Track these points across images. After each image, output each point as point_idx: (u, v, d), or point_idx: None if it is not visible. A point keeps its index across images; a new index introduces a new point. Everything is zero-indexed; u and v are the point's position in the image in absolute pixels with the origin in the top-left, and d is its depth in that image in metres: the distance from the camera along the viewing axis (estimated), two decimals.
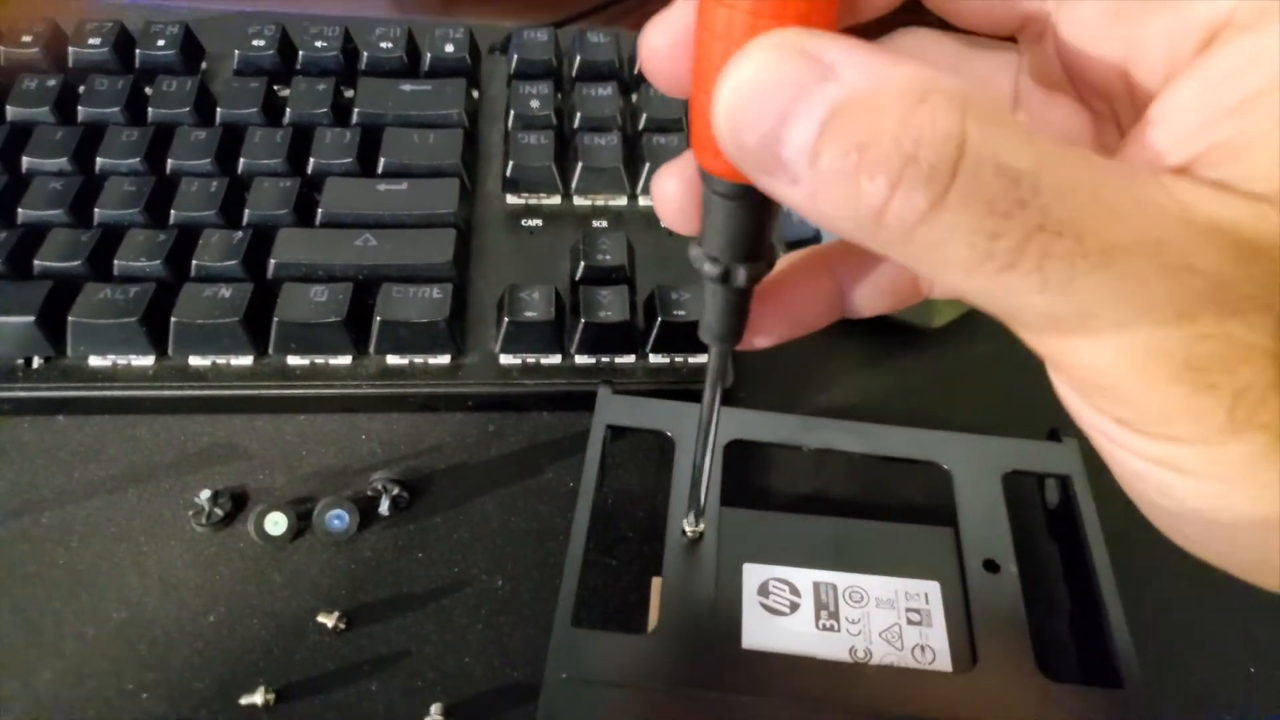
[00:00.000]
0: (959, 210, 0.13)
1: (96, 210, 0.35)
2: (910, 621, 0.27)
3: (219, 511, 0.31)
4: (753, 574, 0.28)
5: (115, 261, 0.34)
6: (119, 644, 0.28)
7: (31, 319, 0.32)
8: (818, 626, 0.27)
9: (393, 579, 0.30)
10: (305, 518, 0.31)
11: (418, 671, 0.28)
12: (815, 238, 0.38)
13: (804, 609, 0.27)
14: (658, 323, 0.34)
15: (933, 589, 0.28)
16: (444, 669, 0.28)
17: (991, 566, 0.28)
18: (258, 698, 0.27)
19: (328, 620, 0.29)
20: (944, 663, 0.26)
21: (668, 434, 0.31)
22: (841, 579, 0.28)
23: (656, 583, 0.28)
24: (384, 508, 0.31)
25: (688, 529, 0.29)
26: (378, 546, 0.31)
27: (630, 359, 0.34)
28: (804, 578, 0.28)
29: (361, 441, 0.33)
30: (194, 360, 0.33)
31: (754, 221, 0.19)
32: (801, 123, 0.14)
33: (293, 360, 0.34)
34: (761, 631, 0.27)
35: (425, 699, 0.27)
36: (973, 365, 0.37)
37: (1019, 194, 0.13)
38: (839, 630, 0.27)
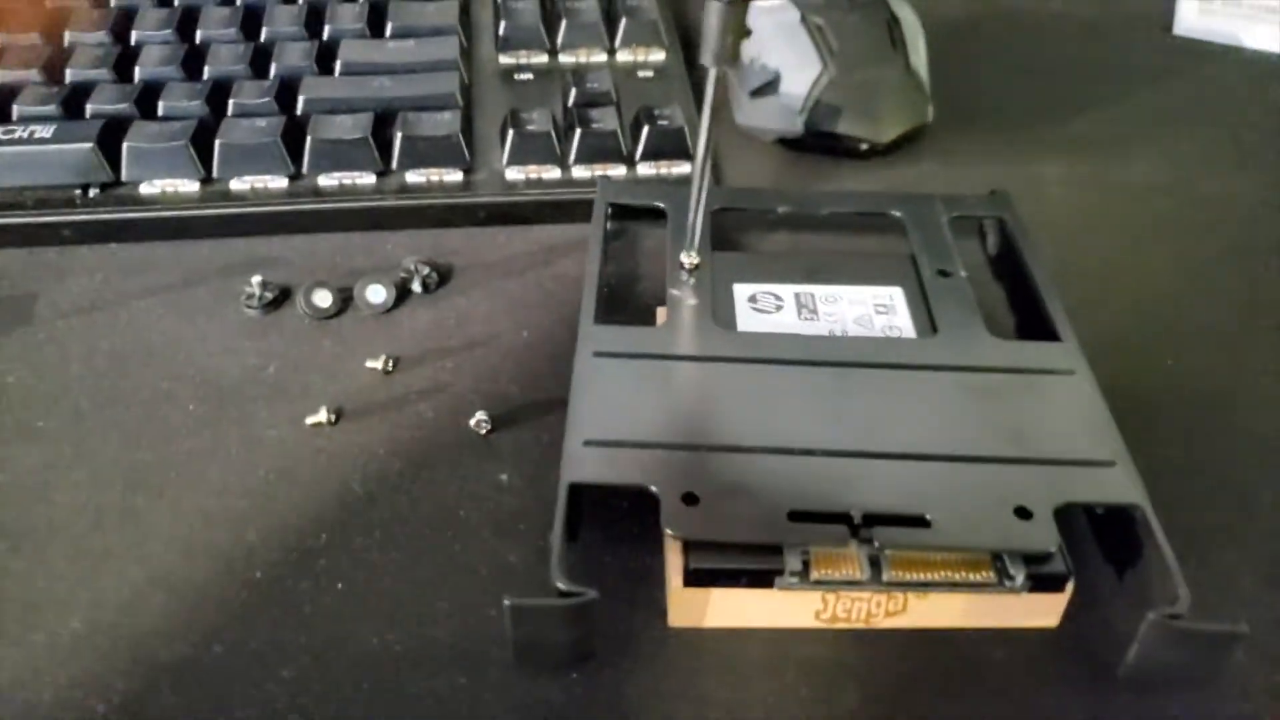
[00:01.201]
0: None
1: (137, 68, 0.39)
2: (878, 311, 0.32)
3: (268, 295, 0.35)
4: (742, 290, 0.33)
5: (160, 103, 0.38)
6: (189, 389, 0.32)
7: (90, 145, 0.36)
8: (800, 318, 0.32)
9: (429, 337, 0.34)
10: (347, 300, 0.35)
11: (461, 395, 0.32)
12: (774, 81, 0.43)
13: (787, 308, 0.32)
14: (644, 131, 0.38)
15: (896, 291, 0.33)
16: (483, 392, 0.32)
17: (944, 274, 0.33)
18: (321, 416, 0.31)
19: (376, 364, 0.33)
20: (909, 335, 0.31)
21: (660, 205, 0.36)
22: (818, 289, 0.33)
23: (661, 310, 0.32)
24: (416, 286, 0.35)
25: (685, 261, 0.33)
26: (413, 315, 0.35)
27: (621, 170, 0.39)
28: (786, 290, 0.33)
29: (389, 250, 0.38)
30: (235, 184, 0.37)
31: None
32: None
33: (324, 181, 0.38)
34: (753, 323, 0.31)
35: (470, 410, 0.31)
36: (917, 179, 0.42)
37: None
38: (818, 319, 0.31)
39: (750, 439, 0.26)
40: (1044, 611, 0.25)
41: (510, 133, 0.38)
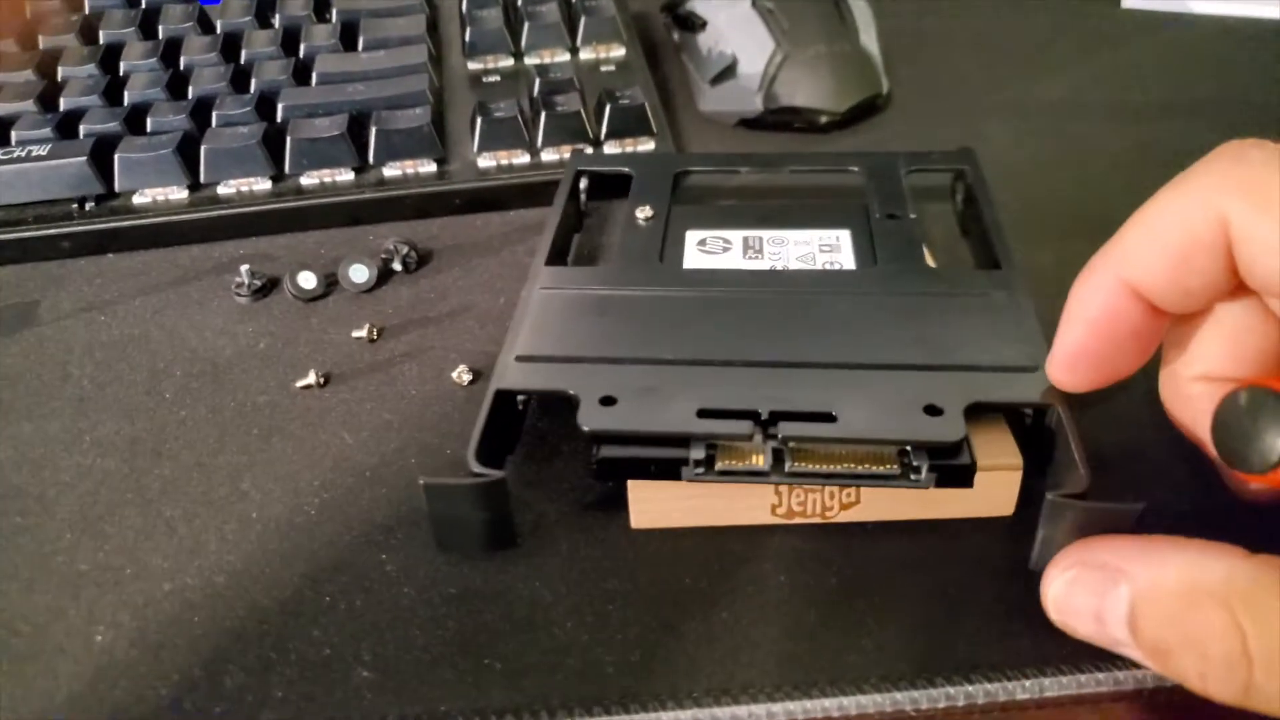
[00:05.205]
0: (1267, 680, 0.17)
1: (126, 93, 0.41)
2: (823, 250, 0.33)
3: (256, 282, 0.36)
4: (693, 235, 0.34)
5: (148, 119, 0.40)
6: (184, 367, 0.33)
7: (84, 159, 0.38)
8: (745, 258, 0.33)
9: (412, 309, 0.35)
10: (332, 283, 0.37)
11: (442, 354, 0.33)
12: (732, 66, 0.45)
13: (734, 250, 0.33)
14: (607, 110, 0.40)
15: (843, 233, 0.34)
16: (464, 350, 0.33)
17: (893, 217, 0.34)
18: (310, 379, 0.32)
19: (361, 334, 0.34)
20: (849, 267, 0.32)
21: (626, 170, 0.37)
22: (767, 233, 0.34)
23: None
24: (397, 265, 0.37)
25: (639, 215, 0.34)
26: (396, 292, 0.36)
27: (589, 151, 0.41)
28: (735, 234, 0.34)
29: (370, 242, 0.39)
30: (221, 189, 0.39)
31: None
32: (1112, 620, 0.20)
33: (305, 180, 0.40)
34: (697, 263, 0.33)
35: (453, 366, 0.32)
36: (876, 144, 0.43)
37: None
38: (762, 259, 0.33)
39: (673, 354, 0.27)
40: (998, 500, 0.26)
41: (479, 120, 0.40)
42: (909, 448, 0.24)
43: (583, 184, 0.38)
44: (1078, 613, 0.21)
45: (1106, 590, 0.20)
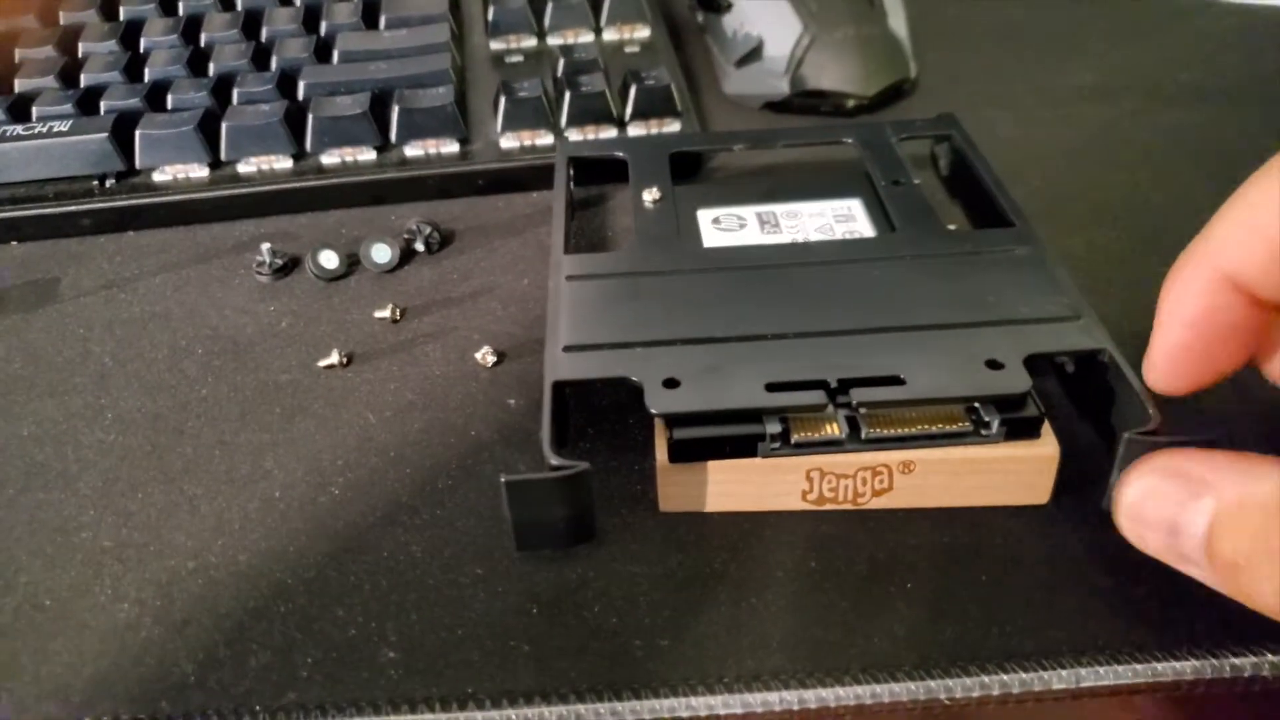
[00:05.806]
0: None
1: (146, 69, 0.41)
2: (838, 220, 0.33)
3: (278, 261, 0.36)
4: (706, 214, 0.34)
5: (169, 96, 0.40)
6: (205, 345, 0.33)
7: (105, 135, 0.38)
8: (763, 233, 0.33)
9: (435, 290, 0.35)
10: (354, 263, 0.36)
11: (466, 335, 0.33)
12: (758, 48, 0.45)
13: (750, 226, 0.33)
14: (632, 91, 0.40)
15: (854, 202, 0.34)
16: (489, 331, 0.33)
17: (897, 183, 0.34)
18: (334, 358, 0.32)
19: (384, 314, 0.34)
20: (869, 234, 0.32)
21: (620, 155, 0.37)
22: (779, 207, 0.34)
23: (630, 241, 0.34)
24: (419, 245, 0.37)
25: (647, 198, 0.34)
26: (418, 273, 0.36)
27: (613, 132, 0.40)
28: (748, 210, 0.34)
29: (392, 222, 0.39)
30: (242, 167, 0.39)
31: None
32: (1188, 534, 0.19)
33: (326, 159, 0.39)
34: (718, 241, 0.32)
35: (477, 347, 0.32)
36: None
37: None
38: (781, 233, 0.33)
39: (724, 332, 0.27)
40: (1034, 488, 0.26)
41: (503, 100, 0.39)
42: (977, 403, 0.24)
43: (570, 171, 0.38)
44: (1151, 523, 0.20)
45: (1187, 502, 0.19)
